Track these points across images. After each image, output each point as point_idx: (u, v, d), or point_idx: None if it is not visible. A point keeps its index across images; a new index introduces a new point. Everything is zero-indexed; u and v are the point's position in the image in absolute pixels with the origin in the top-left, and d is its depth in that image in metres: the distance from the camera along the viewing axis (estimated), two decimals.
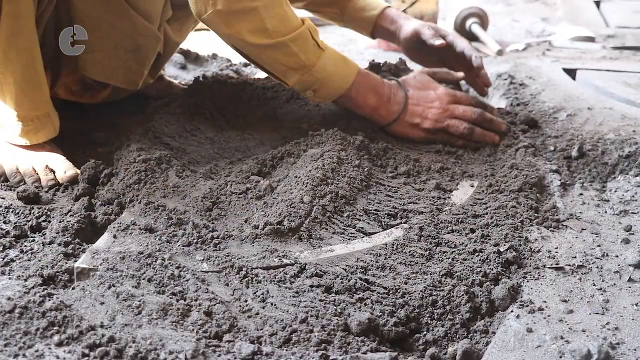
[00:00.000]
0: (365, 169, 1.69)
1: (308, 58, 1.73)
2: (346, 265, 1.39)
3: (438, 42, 1.97)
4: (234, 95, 2.13)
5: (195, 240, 1.42)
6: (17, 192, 1.63)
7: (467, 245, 1.47)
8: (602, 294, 1.33)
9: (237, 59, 2.55)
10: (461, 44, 2.01)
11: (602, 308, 1.29)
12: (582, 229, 1.58)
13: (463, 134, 1.90)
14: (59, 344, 1.12)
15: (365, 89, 1.85)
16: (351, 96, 1.84)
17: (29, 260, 1.41)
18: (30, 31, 1.68)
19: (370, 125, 1.92)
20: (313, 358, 1.15)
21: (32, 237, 1.51)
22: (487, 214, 1.59)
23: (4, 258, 1.42)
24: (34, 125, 1.75)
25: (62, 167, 1.73)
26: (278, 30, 1.70)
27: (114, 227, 1.46)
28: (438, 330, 1.26)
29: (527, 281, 1.37)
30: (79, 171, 1.71)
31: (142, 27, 1.88)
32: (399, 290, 1.33)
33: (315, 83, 1.77)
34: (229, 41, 1.75)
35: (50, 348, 1.11)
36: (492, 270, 1.37)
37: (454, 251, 1.45)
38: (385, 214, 1.57)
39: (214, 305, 1.24)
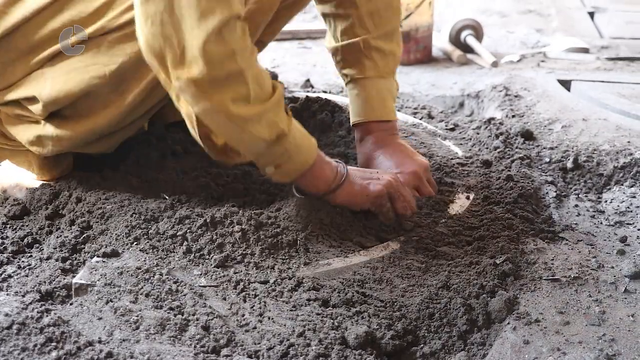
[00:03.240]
0: None
1: (284, 125, 1.41)
2: (343, 279, 1.39)
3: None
4: None
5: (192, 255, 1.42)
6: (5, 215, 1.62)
7: (463, 257, 1.48)
8: (598, 306, 1.34)
9: None
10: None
11: (599, 319, 1.30)
12: (578, 241, 1.59)
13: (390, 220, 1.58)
14: None
15: (322, 164, 1.51)
16: (312, 173, 1.49)
17: (27, 276, 1.41)
18: None
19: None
20: None
21: (29, 252, 1.51)
22: (483, 226, 1.60)
23: (1, 274, 1.42)
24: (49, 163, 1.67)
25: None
26: (258, 96, 1.36)
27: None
28: (435, 343, 1.27)
29: (524, 293, 1.38)
30: None
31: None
32: (396, 303, 1.34)
33: (282, 155, 1.43)
34: (207, 118, 1.38)
35: None
36: (489, 282, 1.38)
37: (451, 264, 1.46)
38: (382, 227, 1.57)
39: (212, 319, 1.25)
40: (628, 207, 1.73)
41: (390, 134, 1.74)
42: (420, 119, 2.28)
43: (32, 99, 1.53)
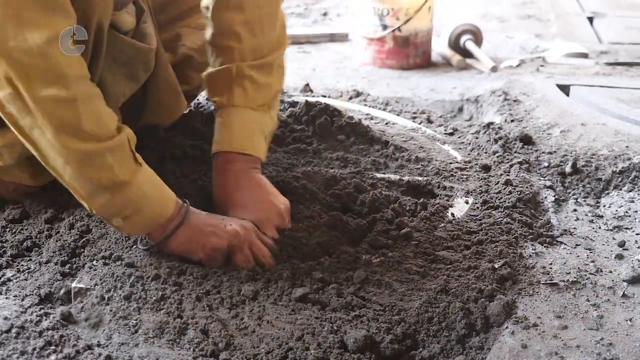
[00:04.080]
0: None
1: (123, 173, 1.33)
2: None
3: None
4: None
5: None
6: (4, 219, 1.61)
7: (462, 261, 1.48)
8: (596, 310, 1.34)
9: None
10: None
11: (597, 324, 1.30)
12: (576, 245, 1.59)
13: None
14: None
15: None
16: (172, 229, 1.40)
17: (26, 279, 1.42)
18: None
19: None
20: None
21: (28, 256, 1.51)
22: (481, 230, 1.60)
23: (0, 277, 1.42)
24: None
25: None
26: (94, 134, 1.28)
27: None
28: (434, 347, 1.27)
29: (522, 297, 1.38)
30: None
31: None
32: (395, 307, 1.34)
33: (127, 207, 1.35)
34: (32, 141, 1.30)
35: None
36: (487, 286, 1.38)
37: (449, 268, 1.46)
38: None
39: (211, 323, 1.25)
40: (626, 212, 1.73)
41: (250, 167, 1.57)
42: (419, 124, 2.28)
43: None
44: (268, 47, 1.62)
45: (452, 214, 1.68)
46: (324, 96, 2.48)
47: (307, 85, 2.59)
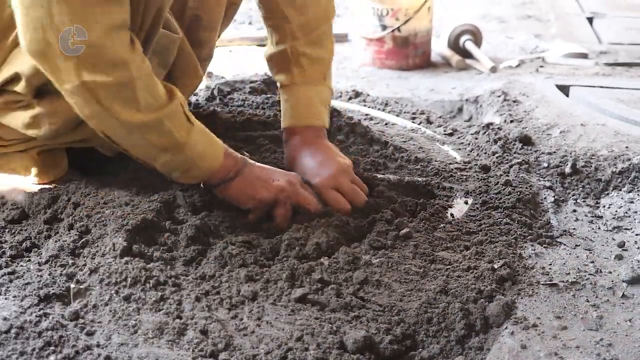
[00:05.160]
0: None
1: (181, 135, 1.47)
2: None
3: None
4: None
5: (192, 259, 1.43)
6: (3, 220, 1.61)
7: (461, 262, 1.48)
8: (595, 311, 1.34)
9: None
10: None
11: (596, 324, 1.30)
12: (576, 246, 1.59)
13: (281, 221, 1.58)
14: None
15: (227, 160, 1.57)
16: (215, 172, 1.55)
17: (25, 280, 1.41)
18: None
19: None
20: None
21: (28, 257, 1.51)
22: (481, 230, 1.60)
23: (0, 278, 1.42)
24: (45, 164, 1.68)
25: None
26: (150, 105, 1.43)
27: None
28: (433, 348, 1.27)
29: (521, 298, 1.38)
30: None
31: None
32: (394, 308, 1.34)
33: (186, 162, 1.51)
34: (97, 124, 1.45)
35: None
36: (487, 287, 1.38)
37: (449, 268, 1.46)
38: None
39: (210, 323, 1.25)
40: (626, 213, 1.73)
41: (315, 136, 1.76)
42: (419, 124, 2.28)
43: (15, 78, 1.53)
44: (315, 22, 1.78)
45: (452, 215, 1.68)
46: None
47: None
